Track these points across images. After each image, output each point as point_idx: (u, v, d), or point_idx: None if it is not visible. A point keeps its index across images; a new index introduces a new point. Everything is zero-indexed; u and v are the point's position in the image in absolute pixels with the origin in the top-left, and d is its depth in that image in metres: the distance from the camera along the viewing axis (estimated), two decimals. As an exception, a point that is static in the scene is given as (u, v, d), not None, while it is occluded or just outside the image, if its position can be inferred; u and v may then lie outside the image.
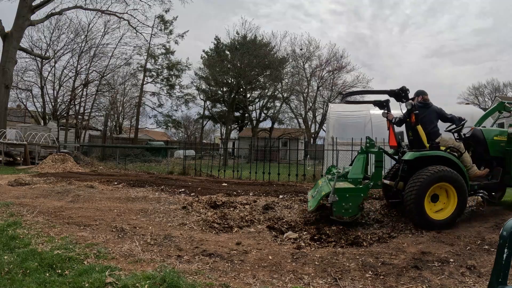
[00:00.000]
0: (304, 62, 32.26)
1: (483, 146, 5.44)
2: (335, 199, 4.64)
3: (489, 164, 5.48)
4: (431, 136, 5.20)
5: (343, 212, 4.71)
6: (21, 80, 23.27)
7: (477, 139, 5.50)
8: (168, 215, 5.46)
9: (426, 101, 5.46)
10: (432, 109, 5.34)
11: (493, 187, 5.43)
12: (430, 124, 5.25)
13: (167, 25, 27.65)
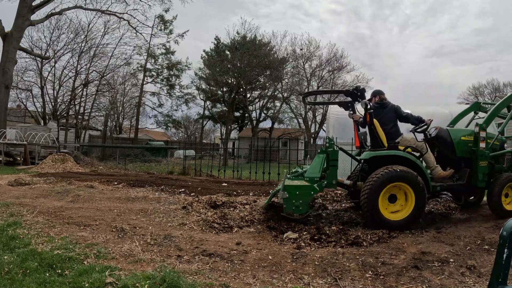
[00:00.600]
0: (304, 62, 32.23)
1: (449, 146, 5.30)
2: (285, 196, 4.64)
3: (456, 165, 5.33)
4: (391, 135, 5.15)
5: (294, 209, 4.70)
6: (21, 80, 23.30)
7: (443, 139, 5.38)
8: (168, 215, 5.46)
9: (383, 100, 5.41)
10: (390, 109, 5.28)
11: (458, 189, 5.29)
12: (389, 124, 5.21)
13: (167, 25, 27.69)
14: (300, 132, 32.29)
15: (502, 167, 5.53)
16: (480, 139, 5.17)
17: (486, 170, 5.17)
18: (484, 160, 5.13)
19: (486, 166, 5.16)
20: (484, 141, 5.16)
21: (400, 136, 5.27)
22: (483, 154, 5.14)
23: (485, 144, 5.16)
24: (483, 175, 5.14)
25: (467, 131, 5.45)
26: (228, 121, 26.67)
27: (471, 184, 5.19)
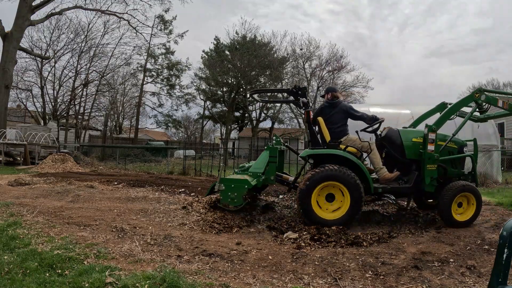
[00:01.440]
0: (304, 62, 32.22)
1: (398, 147, 5.12)
2: (221, 188, 4.94)
3: (405, 167, 5.12)
4: (337, 134, 5.12)
5: (229, 201, 4.96)
6: (21, 80, 23.29)
7: (391, 140, 5.21)
8: (168, 215, 5.46)
9: (336, 98, 5.33)
10: (340, 108, 5.19)
11: (403, 192, 5.12)
12: (337, 123, 5.16)
13: (166, 25, 27.67)
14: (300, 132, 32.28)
15: (461, 172, 5.22)
16: (428, 141, 4.90)
17: (434, 174, 4.89)
18: (432, 163, 4.86)
19: (434, 170, 4.88)
20: (433, 143, 4.89)
21: (346, 135, 5.19)
22: (431, 157, 4.86)
23: (434, 147, 4.89)
24: (430, 179, 4.88)
25: (420, 132, 5.17)
26: (228, 121, 26.68)
27: (418, 188, 4.99)
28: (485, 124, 11.32)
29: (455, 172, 5.17)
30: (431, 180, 4.88)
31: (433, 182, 4.92)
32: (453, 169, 5.17)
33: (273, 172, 5.28)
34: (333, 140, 5.08)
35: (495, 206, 5.80)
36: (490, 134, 10.92)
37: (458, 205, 4.84)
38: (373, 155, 5.06)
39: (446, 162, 5.07)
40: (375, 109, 12.65)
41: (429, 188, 4.91)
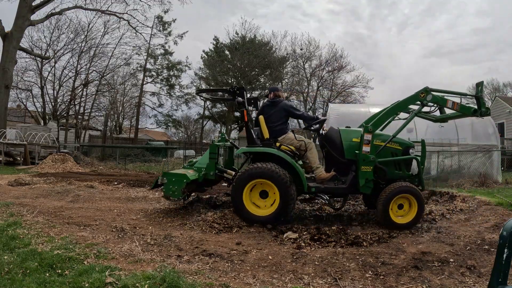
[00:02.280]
0: (304, 62, 32.26)
1: (337, 147, 5.08)
2: (164, 181, 5.16)
3: (344, 167, 5.06)
4: (276, 133, 5.16)
5: (171, 194, 5.10)
6: (21, 80, 23.31)
7: (331, 140, 5.19)
8: (168, 215, 5.46)
9: (278, 97, 5.37)
10: (281, 107, 5.22)
11: (337, 192, 5.11)
12: (276, 122, 5.19)
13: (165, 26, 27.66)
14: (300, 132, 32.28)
15: (406, 175, 5.08)
16: (363, 142, 4.81)
17: (370, 176, 4.79)
18: (367, 165, 4.78)
19: (370, 171, 4.78)
20: (369, 144, 4.80)
21: (285, 134, 5.20)
22: (366, 159, 4.78)
23: (370, 148, 4.80)
24: (365, 181, 4.79)
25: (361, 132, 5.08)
26: (228, 121, 26.68)
27: (354, 189, 4.93)
28: (485, 124, 11.33)
29: (399, 174, 5.05)
30: (365, 182, 4.80)
31: (369, 184, 4.82)
32: (397, 171, 5.07)
33: (212, 168, 5.42)
34: (272, 138, 5.14)
35: (495, 206, 5.79)
36: (490, 134, 10.93)
37: (399, 207, 4.78)
38: (309, 154, 5.11)
39: (388, 163, 4.98)
40: (375, 109, 12.66)
41: (364, 189, 4.84)
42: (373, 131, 4.87)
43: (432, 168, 10.84)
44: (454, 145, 10.66)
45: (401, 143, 5.16)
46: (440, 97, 5.01)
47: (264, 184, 4.82)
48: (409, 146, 5.18)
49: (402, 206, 4.78)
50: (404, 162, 5.11)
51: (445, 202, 6.64)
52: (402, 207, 4.78)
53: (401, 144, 5.14)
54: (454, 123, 11.21)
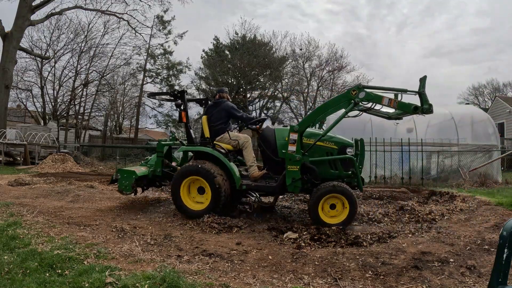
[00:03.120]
0: (304, 62, 32.23)
1: (271, 146, 5.18)
2: (118, 177, 5.66)
3: (277, 166, 5.12)
4: (216, 132, 5.40)
5: (123, 188, 5.58)
6: (21, 80, 23.28)
7: (266, 139, 5.28)
8: (168, 215, 5.46)
9: (222, 98, 5.58)
10: (222, 107, 5.42)
11: (267, 190, 5.19)
12: (216, 121, 5.41)
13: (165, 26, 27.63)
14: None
15: (344, 174, 5.05)
16: (290, 141, 4.83)
17: (297, 175, 4.80)
18: (293, 164, 4.79)
19: (296, 171, 4.79)
20: (294, 144, 4.80)
21: (224, 133, 5.38)
22: (292, 158, 4.79)
23: (296, 148, 4.79)
24: (291, 180, 4.82)
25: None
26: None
27: (284, 188, 4.99)
28: (485, 124, 11.33)
29: (336, 173, 5.04)
30: (292, 181, 4.82)
31: (296, 184, 4.83)
32: (333, 170, 5.06)
33: (158, 166, 5.81)
34: (212, 137, 5.38)
35: (495, 206, 5.79)
36: (490, 134, 10.93)
37: (331, 206, 4.80)
38: (245, 153, 5.31)
39: (322, 162, 4.99)
40: (375, 109, 12.66)
41: (291, 189, 4.87)
42: (299, 131, 4.83)
43: (432, 168, 10.84)
44: (454, 145, 10.66)
45: (337, 142, 5.11)
46: (374, 94, 4.86)
47: (200, 180, 5.07)
48: (346, 145, 5.10)
49: (334, 206, 4.80)
50: (340, 162, 5.06)
51: (445, 202, 6.64)
52: (335, 207, 4.81)
53: (337, 143, 5.10)
54: (454, 123, 11.22)
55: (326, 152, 5.05)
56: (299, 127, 4.85)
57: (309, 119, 5.03)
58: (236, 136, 5.36)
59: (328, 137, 5.10)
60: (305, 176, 4.90)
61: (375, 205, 6.72)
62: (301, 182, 4.86)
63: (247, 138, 5.37)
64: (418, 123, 11.47)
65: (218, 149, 5.20)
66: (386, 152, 10.28)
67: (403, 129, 11.39)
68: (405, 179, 9.86)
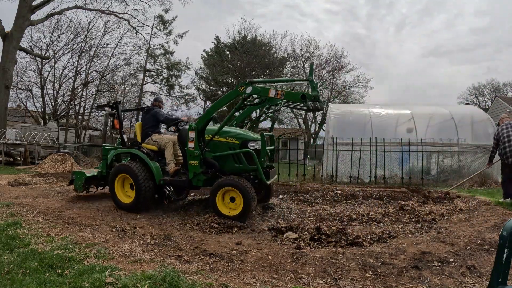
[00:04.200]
0: (304, 62, 32.27)
1: (184, 144, 5.45)
2: (73, 178, 6.51)
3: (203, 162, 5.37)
4: (145, 135, 6.07)
5: (77, 187, 6.39)
6: (21, 80, 23.29)
7: (182, 137, 5.59)
8: (168, 215, 5.46)
9: (154, 106, 6.31)
10: (151, 114, 6.09)
11: (179, 185, 5.61)
12: (146, 125, 6.09)
13: (166, 25, 27.62)
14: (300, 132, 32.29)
15: (248, 168, 5.23)
16: (189, 139, 5.20)
17: (197, 169, 5.18)
18: (193, 159, 5.17)
19: (197, 165, 5.17)
20: (193, 141, 5.17)
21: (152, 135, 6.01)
22: (192, 154, 5.18)
23: (194, 144, 5.15)
24: (193, 174, 5.23)
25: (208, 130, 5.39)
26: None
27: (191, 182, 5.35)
28: (485, 124, 11.34)
29: (240, 167, 5.24)
30: (194, 175, 5.23)
31: (199, 177, 5.24)
32: (237, 164, 5.26)
33: (103, 167, 6.49)
34: (142, 140, 6.04)
35: (495, 206, 5.79)
36: (490, 134, 10.92)
37: (231, 199, 5.01)
38: (165, 152, 5.81)
39: (224, 157, 5.25)
40: (375, 109, 12.67)
41: (195, 182, 5.29)
42: (196, 128, 5.17)
43: (432, 168, 10.84)
44: (454, 145, 10.66)
45: (239, 137, 5.31)
46: (261, 87, 5.06)
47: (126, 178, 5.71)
48: (247, 140, 5.31)
49: (234, 199, 4.99)
50: (244, 156, 5.23)
51: (445, 202, 6.64)
52: (235, 201, 4.98)
53: (239, 138, 5.29)
54: (454, 123, 11.22)
55: (229, 147, 5.28)
56: (196, 125, 5.22)
57: (205, 117, 5.33)
58: (160, 138, 5.91)
59: (234, 133, 5.36)
60: (210, 171, 5.24)
61: (375, 205, 6.72)
62: (203, 176, 5.24)
63: (168, 139, 5.87)
64: (418, 123, 11.47)
65: (142, 150, 5.81)
66: (386, 152, 10.29)
67: (403, 129, 11.39)
68: (405, 179, 9.86)
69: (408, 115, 11.84)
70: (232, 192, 4.95)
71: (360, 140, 10.53)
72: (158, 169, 5.61)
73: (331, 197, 7.38)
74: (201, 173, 5.23)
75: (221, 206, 4.99)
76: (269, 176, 5.33)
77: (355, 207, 6.51)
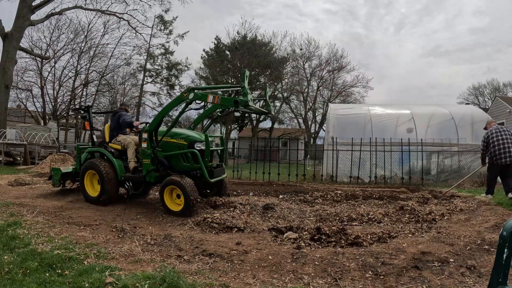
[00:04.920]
0: (304, 62, 32.29)
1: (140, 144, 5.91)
2: (51, 174, 7.14)
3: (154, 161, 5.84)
4: (111, 136, 6.58)
5: (54, 182, 7.04)
6: (21, 80, 23.30)
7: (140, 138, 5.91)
8: (168, 215, 5.46)
9: (120, 110, 6.81)
10: (116, 117, 6.62)
11: (136, 181, 6.10)
12: (112, 127, 6.61)
13: (166, 25, 27.63)
14: (300, 132, 32.29)
15: (194, 166, 5.70)
16: (142, 139, 5.73)
17: (149, 167, 5.73)
18: (146, 158, 5.73)
19: (149, 163, 5.72)
20: (145, 141, 5.69)
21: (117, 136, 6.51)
22: (144, 153, 5.73)
23: (146, 144, 5.67)
24: (146, 171, 5.76)
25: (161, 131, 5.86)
26: (228, 121, 26.66)
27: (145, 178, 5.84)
28: (485, 124, 11.33)
29: (188, 166, 5.77)
30: (147, 172, 5.76)
31: (151, 174, 5.76)
32: (185, 163, 5.79)
33: (78, 164, 6.87)
34: (110, 139, 6.54)
35: (495, 206, 5.79)
36: (490, 134, 10.91)
37: (177, 196, 5.47)
38: (128, 150, 6.25)
39: (174, 156, 5.80)
40: (375, 109, 12.67)
41: (148, 178, 5.79)
42: (148, 130, 5.65)
43: (432, 168, 10.84)
44: (454, 145, 10.66)
45: (187, 138, 5.82)
46: (201, 94, 5.48)
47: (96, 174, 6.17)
48: (194, 141, 5.82)
49: (180, 196, 5.41)
50: (191, 155, 5.73)
51: (445, 202, 6.64)
52: (180, 197, 5.40)
53: (187, 139, 5.80)
54: (454, 123, 11.23)
55: (178, 147, 5.79)
56: (148, 127, 5.68)
57: (155, 120, 5.74)
58: (124, 139, 6.39)
59: (184, 135, 5.87)
60: (161, 168, 5.80)
61: (375, 205, 6.72)
62: (154, 173, 5.75)
63: (131, 140, 6.34)
64: (418, 123, 11.48)
65: (108, 149, 6.33)
66: (386, 152, 10.28)
67: (403, 129, 11.40)
68: (405, 179, 9.86)
69: (408, 115, 11.84)
70: (177, 190, 5.40)
71: (360, 140, 10.53)
72: (120, 166, 6.14)
73: (331, 197, 7.37)
74: (153, 170, 5.72)
75: (169, 202, 5.49)
76: (213, 174, 5.75)
77: (355, 207, 6.50)
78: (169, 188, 5.45)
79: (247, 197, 7.04)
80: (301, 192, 8.01)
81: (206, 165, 5.62)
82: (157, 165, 5.76)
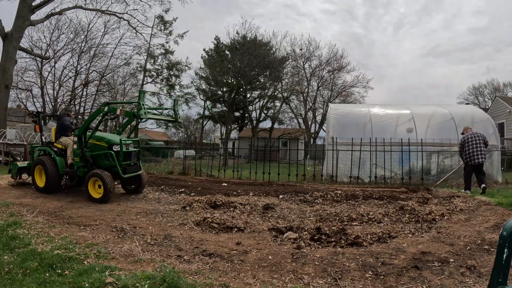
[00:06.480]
0: (304, 62, 32.28)
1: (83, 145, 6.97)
2: (10, 168, 8.25)
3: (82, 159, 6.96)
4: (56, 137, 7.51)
5: (12, 175, 8.12)
6: (21, 80, 23.26)
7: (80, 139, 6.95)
8: (168, 215, 5.46)
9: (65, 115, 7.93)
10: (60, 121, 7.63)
11: (72, 175, 7.10)
12: (57, 129, 7.55)
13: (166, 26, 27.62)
14: (300, 132, 32.28)
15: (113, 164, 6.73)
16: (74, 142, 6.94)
17: (78, 163, 6.90)
18: (76, 156, 6.92)
19: (78, 161, 6.89)
20: (75, 143, 6.90)
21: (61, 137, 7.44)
22: (75, 152, 6.95)
23: (77, 145, 6.87)
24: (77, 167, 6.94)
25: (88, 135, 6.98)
26: (228, 121, 26.65)
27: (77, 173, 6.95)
28: (485, 124, 11.34)
29: (109, 163, 6.80)
30: (77, 168, 6.93)
31: (80, 169, 6.90)
32: (107, 161, 6.83)
33: (31, 161, 7.76)
34: (55, 139, 7.52)
35: (495, 206, 5.79)
36: (490, 134, 10.93)
37: (99, 187, 6.49)
38: (67, 149, 7.23)
39: (98, 156, 6.88)
40: (375, 109, 12.67)
41: (79, 173, 6.91)
42: (78, 135, 6.81)
43: (432, 168, 10.84)
44: (454, 145, 10.66)
45: (107, 141, 6.93)
46: (113, 107, 6.64)
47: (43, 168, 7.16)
48: (113, 143, 6.89)
49: (101, 186, 6.45)
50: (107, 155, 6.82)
51: (445, 202, 6.64)
52: (101, 187, 6.44)
53: (107, 142, 6.91)
54: (454, 123, 11.22)
55: (102, 148, 6.90)
56: (78, 132, 6.86)
57: (82, 127, 6.92)
58: (65, 140, 7.35)
59: (106, 139, 6.95)
60: (89, 165, 6.87)
61: (375, 205, 6.72)
62: (83, 168, 6.87)
63: (70, 141, 7.20)
64: (418, 123, 11.48)
65: (53, 148, 7.37)
66: (386, 152, 10.28)
67: (403, 129, 11.39)
68: (405, 179, 9.86)
69: (408, 115, 11.85)
70: (98, 181, 6.47)
71: (360, 140, 10.53)
72: (61, 162, 7.20)
73: (331, 197, 7.37)
74: (82, 166, 6.89)
75: (92, 191, 6.50)
76: (126, 171, 6.89)
77: (355, 207, 6.50)
78: (93, 180, 6.52)
79: (247, 197, 7.05)
80: (301, 192, 8.01)
81: (120, 163, 6.75)
82: (85, 162, 6.88)
